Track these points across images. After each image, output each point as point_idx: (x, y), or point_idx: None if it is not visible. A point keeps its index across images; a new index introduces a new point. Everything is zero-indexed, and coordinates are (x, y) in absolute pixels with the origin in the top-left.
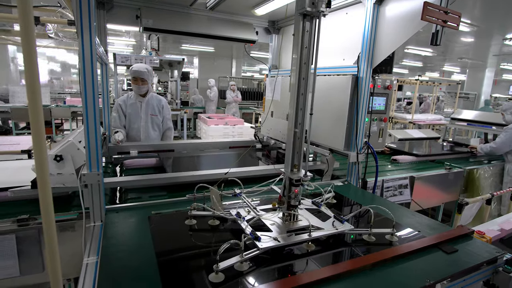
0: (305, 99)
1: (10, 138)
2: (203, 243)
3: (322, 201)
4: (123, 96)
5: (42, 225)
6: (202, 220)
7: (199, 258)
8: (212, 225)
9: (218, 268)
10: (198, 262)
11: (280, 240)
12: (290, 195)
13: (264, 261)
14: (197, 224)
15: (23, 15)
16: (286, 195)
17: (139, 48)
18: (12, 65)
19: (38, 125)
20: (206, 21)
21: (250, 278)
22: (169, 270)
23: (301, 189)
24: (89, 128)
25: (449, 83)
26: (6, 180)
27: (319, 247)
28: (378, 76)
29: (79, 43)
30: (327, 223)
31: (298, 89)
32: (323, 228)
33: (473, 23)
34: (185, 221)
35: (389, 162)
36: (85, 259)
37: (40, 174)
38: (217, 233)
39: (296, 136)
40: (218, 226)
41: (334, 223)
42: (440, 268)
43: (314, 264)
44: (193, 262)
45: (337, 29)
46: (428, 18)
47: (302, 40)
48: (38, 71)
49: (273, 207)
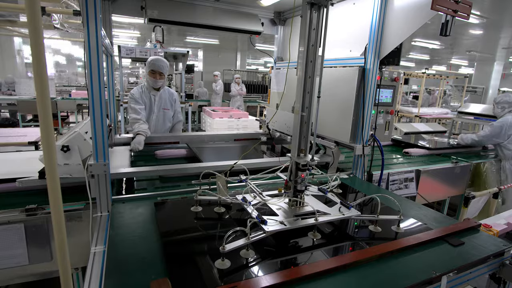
0: (312, 82)
1: (17, 130)
2: (209, 229)
3: (329, 188)
4: (136, 87)
5: (49, 215)
6: (208, 208)
7: (205, 244)
8: (218, 212)
9: (224, 250)
10: (203, 248)
11: (286, 224)
12: (297, 179)
13: (270, 246)
14: (203, 212)
15: (30, 5)
16: (293, 179)
17: (144, 40)
18: (18, 58)
19: (46, 114)
20: (211, 12)
21: (256, 267)
22: (174, 256)
23: (307, 174)
24: (96, 119)
25: (457, 77)
26: (14, 170)
27: (324, 240)
28: (385, 68)
29: (84, 33)
30: (334, 209)
31: (306, 72)
32: (329, 214)
33: (482, 15)
34: (191, 208)
35: (400, 154)
36: (92, 249)
37: (49, 164)
38: (222, 221)
39: (303, 120)
40: (223, 213)
41: (341, 209)
42: (447, 261)
43: (320, 253)
44: (198, 248)
45: (344, 20)
46: (438, 8)
47: (310, 23)
48: (45, 60)
49: (279, 193)
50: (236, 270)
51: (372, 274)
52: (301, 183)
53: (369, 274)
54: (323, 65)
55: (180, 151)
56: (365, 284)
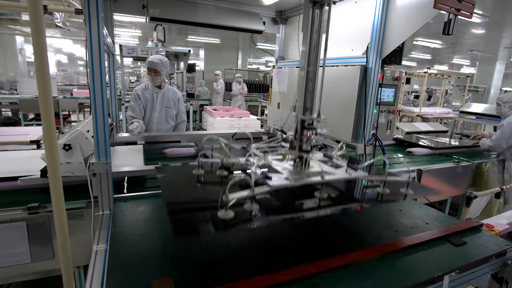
0: (319, 38)
1: (19, 129)
2: (211, 191)
3: (335, 153)
4: (141, 85)
5: (51, 213)
6: (210, 175)
7: (206, 203)
8: (221, 176)
9: (227, 199)
10: (205, 205)
11: (291, 180)
12: (302, 138)
13: (275, 205)
14: (205, 176)
15: (32, 4)
16: (298, 138)
17: (145, 39)
18: (20, 56)
19: (48, 114)
20: (213, 10)
21: (260, 220)
22: (178, 214)
23: (313, 133)
24: (97, 117)
25: (458, 76)
26: (15, 169)
27: (331, 201)
28: (387, 67)
29: (86, 32)
30: (340, 170)
31: (312, 27)
32: (336, 174)
33: (484, 14)
34: (192, 171)
35: (403, 154)
36: (94, 247)
37: (51, 163)
38: (225, 185)
39: (309, 77)
40: (226, 177)
41: (348, 170)
42: (448, 260)
43: (326, 212)
44: (200, 208)
45: (345, 19)
46: (440, 6)
47: (313, 21)
48: (47, 59)
49: (284, 157)
50: (239, 222)
51: (374, 273)
52: (306, 142)
53: (371, 273)
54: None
55: (189, 150)
56: (367, 283)
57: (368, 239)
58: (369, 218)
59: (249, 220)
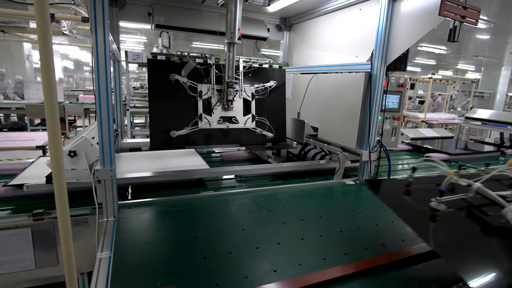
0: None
1: (25, 134)
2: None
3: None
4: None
5: (56, 219)
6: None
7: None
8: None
9: (174, 135)
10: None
11: (210, 126)
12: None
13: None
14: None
15: (40, 12)
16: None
17: (150, 45)
18: (27, 63)
19: (53, 122)
20: (217, 18)
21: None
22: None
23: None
24: (103, 124)
25: (464, 82)
26: (21, 175)
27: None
28: (391, 74)
29: (92, 39)
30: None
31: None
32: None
33: (490, 20)
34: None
35: (421, 159)
36: (98, 254)
37: (56, 170)
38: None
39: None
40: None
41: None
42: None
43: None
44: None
45: (350, 26)
46: (446, 14)
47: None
48: (53, 67)
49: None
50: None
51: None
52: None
53: (382, 282)
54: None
55: (243, 154)
56: None
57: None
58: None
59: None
